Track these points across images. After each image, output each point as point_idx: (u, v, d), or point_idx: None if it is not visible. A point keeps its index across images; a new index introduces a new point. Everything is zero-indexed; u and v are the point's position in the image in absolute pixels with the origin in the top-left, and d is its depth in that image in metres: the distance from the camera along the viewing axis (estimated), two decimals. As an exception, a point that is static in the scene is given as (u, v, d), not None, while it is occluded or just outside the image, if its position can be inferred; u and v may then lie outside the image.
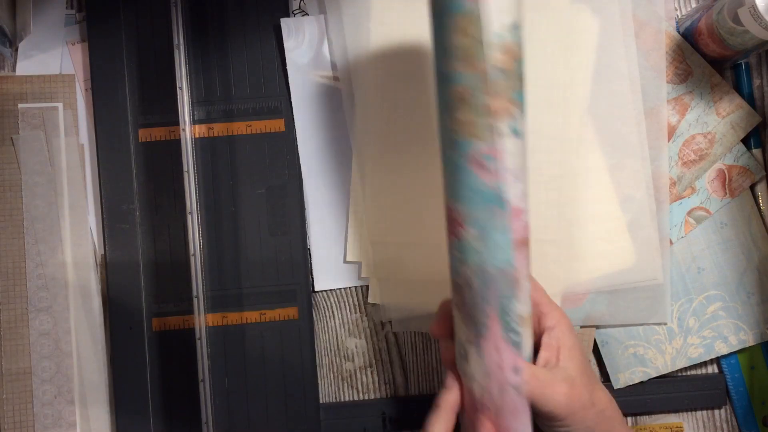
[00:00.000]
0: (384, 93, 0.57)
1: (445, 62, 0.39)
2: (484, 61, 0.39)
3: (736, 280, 0.58)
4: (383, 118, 0.57)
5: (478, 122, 0.39)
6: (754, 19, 0.50)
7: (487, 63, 0.38)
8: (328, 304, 0.58)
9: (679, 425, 0.58)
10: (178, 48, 0.56)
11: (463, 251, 0.40)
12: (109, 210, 0.57)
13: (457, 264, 0.41)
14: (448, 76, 0.39)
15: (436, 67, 0.40)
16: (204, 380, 0.55)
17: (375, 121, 0.57)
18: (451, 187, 0.40)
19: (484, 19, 0.38)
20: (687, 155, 0.58)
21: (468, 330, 0.41)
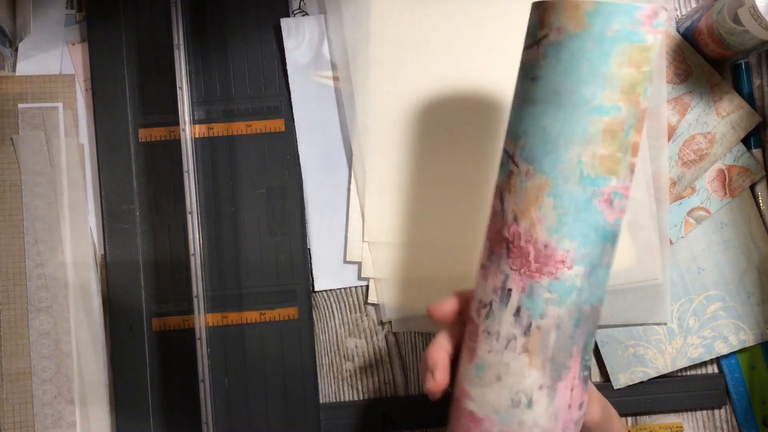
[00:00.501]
0: (384, 93, 0.57)
1: (600, 92, 0.37)
2: (646, 99, 0.38)
3: (736, 280, 0.58)
4: (383, 118, 0.57)
5: (621, 158, 0.38)
6: (754, 19, 0.50)
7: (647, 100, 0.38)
8: (328, 304, 0.58)
9: (679, 425, 0.58)
10: (178, 48, 0.56)
11: (561, 292, 0.38)
12: (109, 210, 0.57)
13: (545, 306, 0.38)
14: (597, 108, 0.37)
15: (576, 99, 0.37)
16: (204, 380, 0.55)
17: (375, 121, 0.57)
18: (562, 226, 0.37)
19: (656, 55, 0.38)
20: (687, 155, 0.58)
21: (543, 375, 0.38)
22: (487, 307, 0.39)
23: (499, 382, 0.39)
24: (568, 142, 0.37)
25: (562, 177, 0.37)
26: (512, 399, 0.38)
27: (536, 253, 0.38)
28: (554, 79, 0.37)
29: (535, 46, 0.38)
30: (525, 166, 0.38)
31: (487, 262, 0.40)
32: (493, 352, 0.39)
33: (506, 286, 0.39)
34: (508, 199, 0.39)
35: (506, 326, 0.38)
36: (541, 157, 0.38)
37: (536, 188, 0.38)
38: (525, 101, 0.39)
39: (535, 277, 0.38)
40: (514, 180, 0.39)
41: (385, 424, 0.58)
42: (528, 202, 0.38)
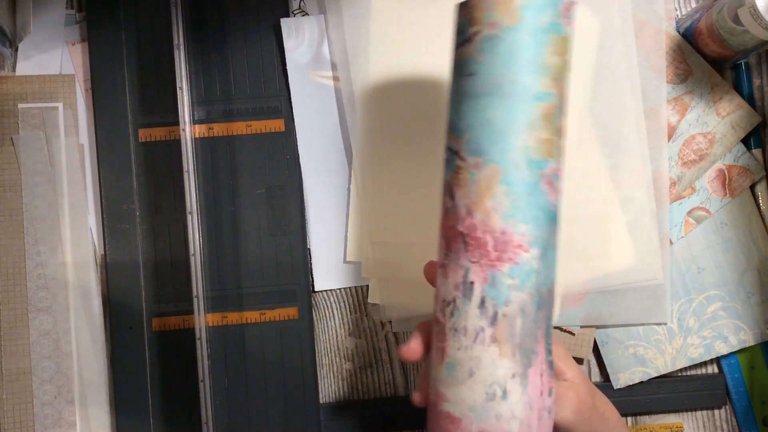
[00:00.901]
0: (384, 93, 0.57)
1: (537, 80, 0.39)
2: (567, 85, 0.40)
3: (736, 280, 0.58)
4: (383, 118, 0.57)
5: (556, 141, 0.40)
6: (754, 19, 0.50)
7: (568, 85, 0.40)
8: (328, 304, 0.58)
9: (679, 425, 0.58)
10: (178, 48, 0.56)
11: (521, 276, 0.38)
12: (109, 210, 0.57)
13: (508, 292, 0.38)
14: (537, 95, 0.39)
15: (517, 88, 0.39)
16: (204, 380, 0.55)
17: (375, 121, 0.57)
18: (516, 211, 0.39)
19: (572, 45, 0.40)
20: (687, 155, 0.58)
21: (514, 363, 0.38)
22: (451, 304, 0.40)
23: (472, 377, 0.39)
24: (514, 130, 0.38)
25: (512, 164, 0.38)
26: (486, 393, 0.38)
27: (495, 242, 0.39)
28: (494, 71, 0.39)
29: (467, 43, 0.40)
30: (473, 158, 0.39)
31: (446, 260, 0.40)
32: (462, 349, 0.39)
33: (468, 280, 0.39)
34: (459, 194, 0.40)
35: (472, 320, 0.39)
36: (489, 148, 0.39)
37: (488, 178, 0.39)
38: (464, 97, 0.40)
39: (495, 266, 0.39)
40: (463, 174, 0.39)
41: (385, 424, 0.58)
42: (480, 193, 0.39)
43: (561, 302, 0.57)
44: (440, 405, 0.40)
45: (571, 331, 0.57)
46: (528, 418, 0.39)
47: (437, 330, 0.41)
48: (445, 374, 0.40)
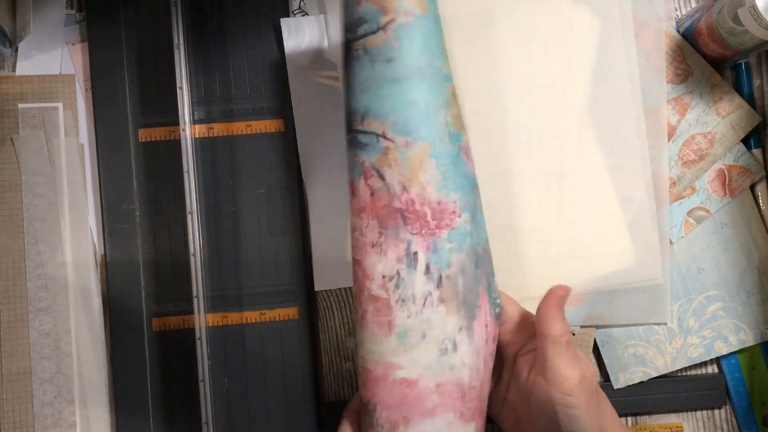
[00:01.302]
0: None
1: (444, 62, 0.44)
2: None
3: (736, 280, 0.58)
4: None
5: (462, 116, 0.45)
6: (754, 19, 0.50)
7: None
8: (328, 304, 0.58)
9: (679, 425, 0.58)
10: (178, 48, 0.56)
11: (458, 239, 0.43)
12: (109, 210, 0.57)
13: (449, 255, 0.42)
14: (446, 76, 0.44)
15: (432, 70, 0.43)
16: (204, 380, 0.55)
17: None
18: (447, 181, 0.43)
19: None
20: (687, 155, 0.58)
21: (460, 318, 0.43)
22: (394, 278, 0.42)
23: (425, 338, 0.42)
24: (436, 108, 0.43)
25: (437, 139, 0.42)
26: (440, 349, 0.42)
27: (432, 212, 0.42)
28: (412, 56, 0.42)
29: (380, 31, 0.42)
30: (402, 138, 0.42)
31: (381, 239, 0.43)
32: (412, 316, 0.42)
33: (411, 251, 0.42)
34: (390, 173, 0.42)
35: (420, 286, 0.42)
36: (417, 127, 0.42)
37: (419, 155, 0.42)
38: (384, 81, 0.42)
39: (436, 234, 0.42)
40: (393, 154, 0.42)
41: (385, 424, 0.58)
42: (413, 169, 0.42)
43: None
44: (392, 375, 0.43)
45: (571, 332, 0.57)
46: (476, 364, 0.43)
47: (378, 306, 0.43)
48: (396, 344, 0.43)
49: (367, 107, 0.43)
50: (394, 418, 0.43)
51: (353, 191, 0.44)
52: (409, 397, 0.42)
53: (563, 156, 0.56)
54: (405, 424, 0.42)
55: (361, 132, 0.43)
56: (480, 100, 0.57)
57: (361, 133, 0.43)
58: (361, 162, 0.43)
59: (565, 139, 0.56)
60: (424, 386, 0.42)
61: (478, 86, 0.57)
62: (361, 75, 0.43)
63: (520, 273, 0.53)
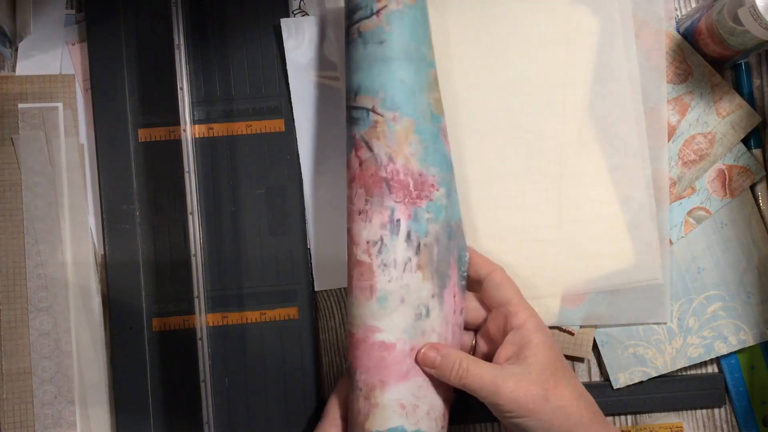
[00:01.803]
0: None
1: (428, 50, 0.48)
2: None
3: (736, 280, 0.58)
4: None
5: (441, 101, 0.49)
6: (754, 19, 0.50)
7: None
8: (328, 304, 0.58)
9: (679, 425, 0.58)
10: (178, 48, 0.56)
11: (435, 211, 0.46)
12: (109, 210, 0.57)
13: (427, 225, 0.46)
14: (429, 62, 0.48)
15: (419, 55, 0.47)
16: (204, 380, 0.55)
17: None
18: (428, 156, 0.46)
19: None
20: (687, 155, 0.58)
21: (433, 285, 0.46)
22: (378, 243, 0.45)
23: (404, 302, 0.45)
24: (421, 89, 0.47)
25: (421, 117, 0.46)
26: (415, 313, 0.45)
27: (414, 182, 0.46)
28: (402, 40, 0.46)
29: (374, 15, 0.47)
30: (390, 113, 0.46)
31: (367, 206, 0.46)
32: (393, 280, 0.45)
33: (394, 218, 0.45)
34: (378, 145, 0.46)
35: (401, 252, 0.45)
36: (404, 103, 0.46)
37: (405, 129, 0.46)
38: (376, 61, 0.46)
39: (417, 203, 0.46)
40: (381, 127, 0.46)
41: (385, 424, 0.58)
42: (400, 141, 0.46)
43: (561, 302, 0.57)
44: (371, 338, 0.45)
45: (571, 331, 0.57)
46: (445, 332, 0.46)
47: (361, 271, 0.46)
48: (377, 307, 0.45)
49: (359, 84, 0.47)
50: (371, 381, 0.45)
51: (347, 164, 0.48)
52: (386, 360, 0.45)
53: (563, 156, 0.56)
54: (381, 388, 0.45)
55: (354, 108, 0.47)
56: (480, 100, 0.57)
57: (354, 108, 0.47)
58: (353, 135, 0.47)
59: (565, 139, 0.56)
60: (401, 350, 0.45)
61: (478, 86, 0.57)
62: (355, 56, 0.47)
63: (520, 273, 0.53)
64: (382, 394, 0.44)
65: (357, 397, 0.45)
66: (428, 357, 0.45)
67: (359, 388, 0.45)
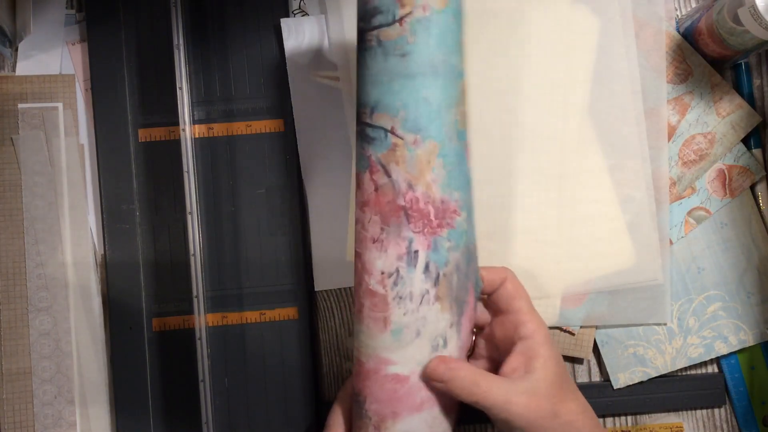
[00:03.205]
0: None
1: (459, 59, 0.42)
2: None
3: (736, 280, 0.58)
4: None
5: (466, 112, 0.44)
6: (754, 19, 0.50)
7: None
8: (328, 304, 0.58)
9: (679, 425, 0.58)
10: (178, 48, 0.56)
11: (456, 237, 0.42)
12: (109, 210, 0.57)
13: (447, 254, 0.42)
14: (460, 72, 0.42)
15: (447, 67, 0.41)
16: (204, 380, 0.55)
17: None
18: (451, 180, 0.42)
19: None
20: (687, 155, 0.58)
21: (452, 314, 0.43)
22: (393, 275, 0.42)
23: (419, 336, 0.42)
24: (447, 106, 0.41)
25: (446, 138, 0.41)
26: (432, 345, 0.43)
27: (435, 211, 0.42)
28: (428, 52, 0.41)
29: (396, 24, 0.41)
30: (411, 136, 0.41)
31: (382, 235, 0.42)
32: (409, 313, 0.42)
33: (412, 250, 0.42)
34: (397, 170, 0.41)
35: (418, 284, 0.42)
36: (427, 125, 0.41)
37: (427, 153, 0.41)
38: (397, 76, 0.41)
39: (437, 232, 0.42)
40: (401, 151, 0.41)
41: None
42: (421, 168, 0.41)
43: (561, 302, 0.57)
44: (383, 370, 0.43)
45: (571, 331, 0.57)
46: (460, 356, 0.44)
47: (375, 302, 0.42)
48: (390, 340, 0.42)
49: (377, 101, 0.42)
50: (383, 411, 0.43)
51: (358, 184, 0.43)
52: (399, 393, 0.43)
53: (563, 156, 0.56)
54: (393, 419, 0.43)
55: (369, 125, 0.42)
56: (480, 100, 0.57)
57: (369, 126, 0.42)
58: (368, 155, 0.42)
59: (565, 139, 0.56)
60: (415, 382, 0.43)
61: (478, 86, 0.57)
62: (372, 67, 0.42)
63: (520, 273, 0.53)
64: (393, 425, 0.43)
65: (366, 425, 0.44)
66: (437, 371, 0.43)
67: (369, 416, 0.43)
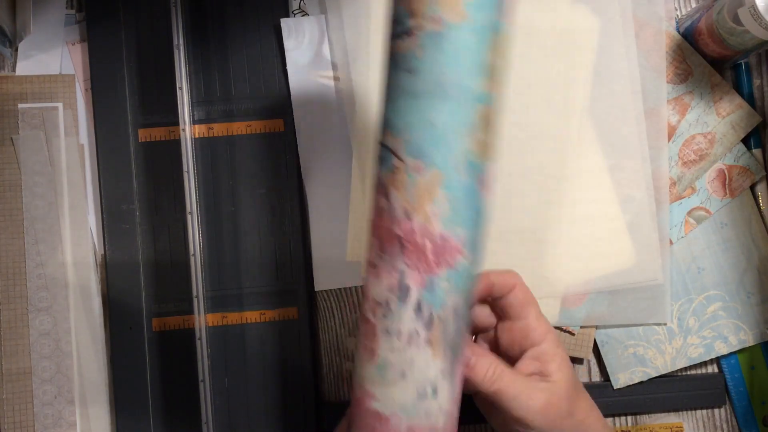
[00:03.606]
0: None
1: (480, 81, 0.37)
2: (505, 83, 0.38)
3: (736, 280, 0.58)
4: (383, 118, 0.57)
5: (492, 142, 0.38)
6: (754, 19, 0.50)
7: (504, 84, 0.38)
8: (328, 304, 0.58)
9: (679, 425, 0.58)
10: (178, 48, 0.56)
11: (456, 279, 0.38)
12: (109, 210, 0.57)
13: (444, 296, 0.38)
14: (479, 96, 0.37)
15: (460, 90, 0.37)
16: (204, 380, 0.55)
17: (375, 121, 0.57)
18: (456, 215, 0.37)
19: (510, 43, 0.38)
20: (687, 155, 0.58)
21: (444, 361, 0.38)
22: (383, 306, 0.38)
23: (404, 379, 0.38)
24: (457, 134, 0.36)
25: (453, 169, 0.37)
26: (418, 392, 0.38)
27: (434, 247, 0.37)
28: (437, 70, 0.36)
29: (406, 36, 0.37)
30: (413, 161, 0.37)
31: (378, 261, 0.39)
32: (395, 351, 0.38)
33: (403, 283, 0.37)
34: (396, 196, 0.37)
35: (407, 323, 0.38)
36: (431, 151, 0.37)
37: (429, 183, 0.37)
38: (403, 94, 0.37)
39: (433, 271, 0.37)
40: (401, 176, 0.37)
41: (385, 424, 0.58)
42: (421, 197, 0.37)
43: (561, 302, 0.57)
44: (367, 403, 0.39)
45: (571, 331, 0.57)
46: (452, 410, 0.39)
47: (366, 329, 0.39)
48: (375, 374, 0.39)
49: (386, 118, 0.38)
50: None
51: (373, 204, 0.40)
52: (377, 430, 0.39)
53: (563, 156, 0.56)
54: None
55: (380, 143, 0.39)
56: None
57: (380, 143, 0.39)
58: (377, 174, 0.39)
59: (565, 140, 0.56)
60: (395, 425, 0.38)
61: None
62: (385, 81, 0.39)
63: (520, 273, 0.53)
64: None
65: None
66: None
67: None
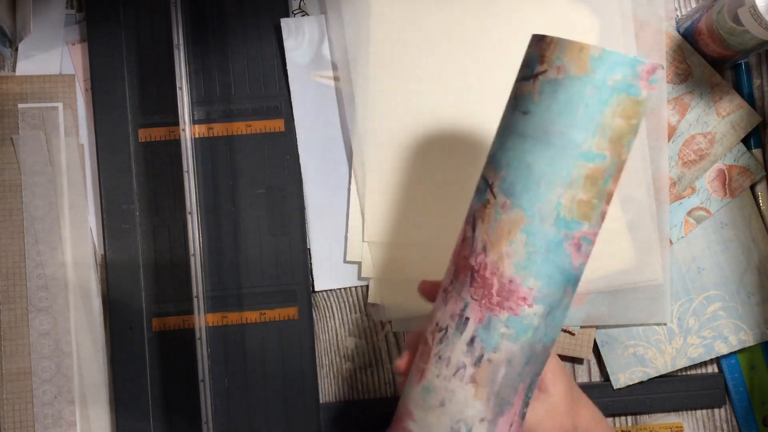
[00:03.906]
0: (384, 93, 0.57)
1: (590, 138, 0.36)
2: (628, 150, 0.38)
3: (736, 280, 0.58)
4: (383, 118, 0.57)
5: (597, 205, 0.38)
6: (754, 19, 0.50)
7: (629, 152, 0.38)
8: (328, 304, 0.58)
9: (679, 425, 0.58)
10: (178, 48, 0.56)
11: (518, 328, 0.38)
12: (109, 210, 0.57)
13: (500, 340, 0.38)
14: (585, 153, 0.36)
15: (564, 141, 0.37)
16: (204, 380, 0.55)
17: (375, 121, 0.57)
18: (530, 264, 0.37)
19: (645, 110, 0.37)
20: (687, 155, 0.58)
21: (486, 408, 0.38)
22: (442, 331, 0.39)
23: (442, 407, 0.39)
24: (550, 183, 0.37)
25: (538, 216, 0.37)
26: (452, 427, 0.38)
27: (500, 287, 0.38)
28: (547, 117, 0.37)
29: (531, 79, 0.38)
30: (503, 198, 0.38)
31: (450, 287, 0.40)
32: (440, 377, 0.39)
33: (464, 314, 0.39)
34: (480, 228, 0.39)
35: (458, 354, 0.38)
36: (520, 193, 0.37)
37: (510, 222, 0.37)
38: (512, 133, 0.38)
39: (494, 310, 0.38)
40: (489, 210, 0.38)
41: (385, 424, 0.58)
42: (500, 234, 0.38)
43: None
44: (406, 421, 0.40)
45: (571, 331, 0.57)
46: None
47: (423, 350, 0.40)
48: (419, 396, 0.40)
49: (492, 154, 0.40)
50: None
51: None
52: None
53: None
54: None
55: (481, 176, 0.40)
56: (480, 100, 0.57)
57: (481, 177, 0.40)
58: (472, 203, 0.40)
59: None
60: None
61: (478, 86, 0.57)
62: (503, 117, 0.40)
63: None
64: None
65: None
66: None
67: None
